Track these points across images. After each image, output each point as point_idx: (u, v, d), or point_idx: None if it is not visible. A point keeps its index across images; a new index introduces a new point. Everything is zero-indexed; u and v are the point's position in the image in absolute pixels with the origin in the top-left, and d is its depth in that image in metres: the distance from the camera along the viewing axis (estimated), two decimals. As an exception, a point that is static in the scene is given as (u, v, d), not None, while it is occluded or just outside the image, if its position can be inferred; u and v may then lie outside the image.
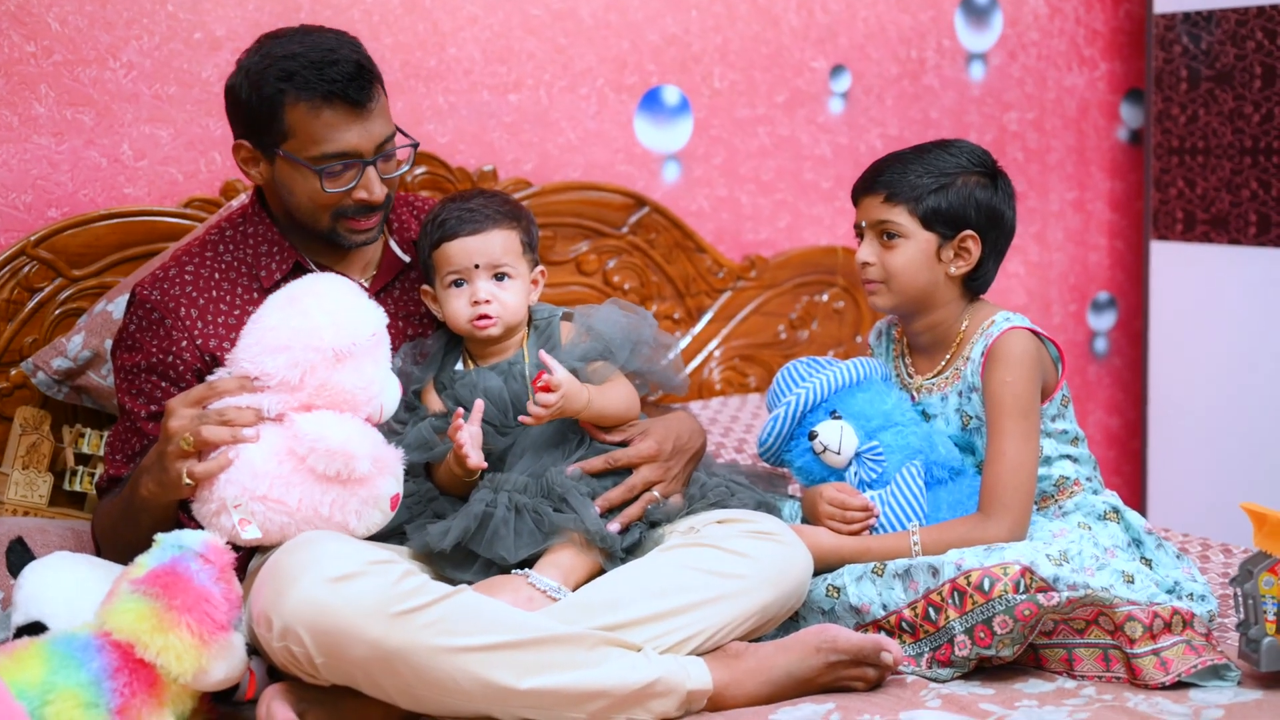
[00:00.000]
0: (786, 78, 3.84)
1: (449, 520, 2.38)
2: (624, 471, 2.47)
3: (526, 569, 2.35)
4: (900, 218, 2.56)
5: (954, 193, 2.55)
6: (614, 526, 2.39)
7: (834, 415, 2.60)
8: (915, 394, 2.64)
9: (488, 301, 2.47)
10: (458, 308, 2.50)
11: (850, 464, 2.59)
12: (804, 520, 2.63)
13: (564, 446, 2.48)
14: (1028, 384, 2.51)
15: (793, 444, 2.64)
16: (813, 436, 2.60)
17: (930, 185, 2.55)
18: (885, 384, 2.66)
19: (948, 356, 2.61)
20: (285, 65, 2.42)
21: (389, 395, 2.34)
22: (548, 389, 2.35)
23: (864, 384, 2.64)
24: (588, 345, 2.50)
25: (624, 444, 2.50)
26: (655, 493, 2.46)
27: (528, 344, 2.52)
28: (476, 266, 2.48)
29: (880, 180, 2.59)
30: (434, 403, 2.51)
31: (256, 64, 2.45)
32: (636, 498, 2.45)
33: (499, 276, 2.49)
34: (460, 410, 2.38)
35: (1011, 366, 2.51)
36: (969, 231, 2.56)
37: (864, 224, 2.61)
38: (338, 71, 2.42)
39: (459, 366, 2.54)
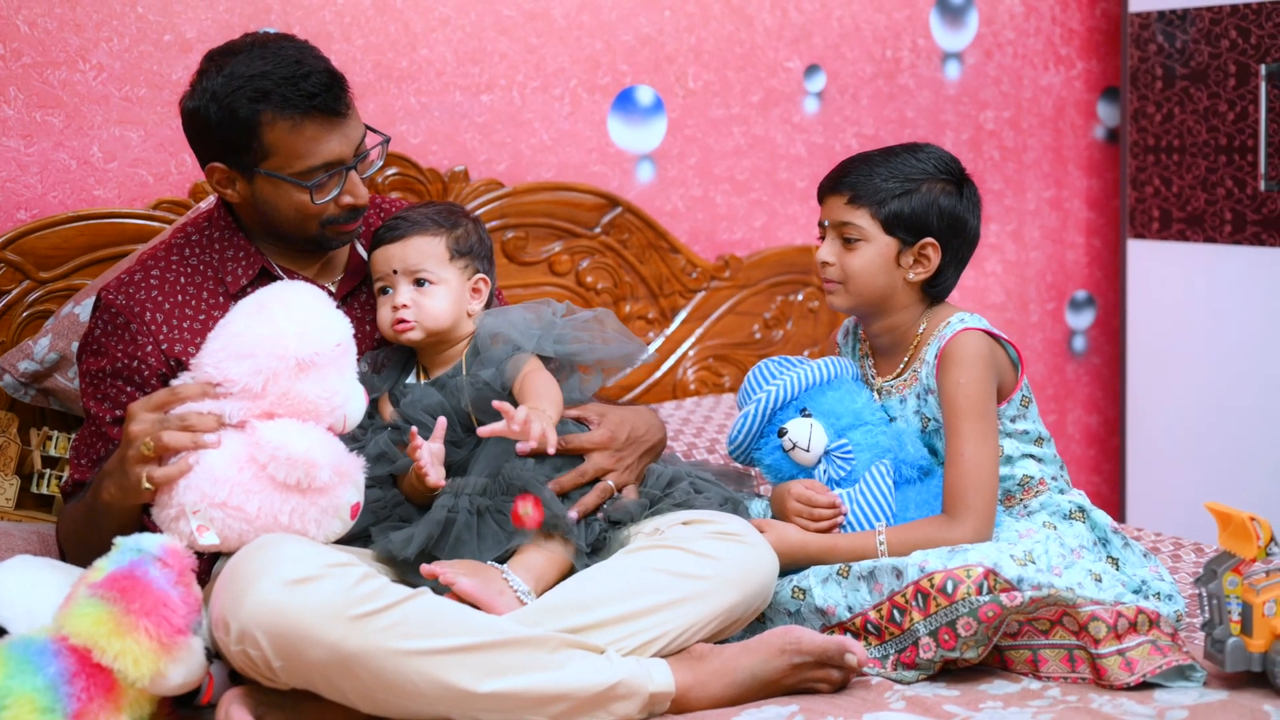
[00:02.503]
0: (761, 77, 3.84)
1: (412, 528, 2.38)
2: (580, 460, 2.47)
3: (502, 565, 2.35)
4: (861, 220, 2.56)
5: (917, 198, 2.55)
6: (572, 514, 2.38)
7: (804, 413, 2.60)
8: (878, 395, 2.64)
9: (405, 307, 2.49)
10: (383, 314, 2.53)
11: (819, 461, 2.59)
12: (773, 517, 2.62)
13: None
14: (980, 384, 2.51)
15: (762, 442, 2.64)
16: (782, 433, 2.59)
17: (894, 190, 2.55)
18: (855, 383, 2.66)
19: (906, 359, 2.61)
20: (258, 85, 2.40)
21: (353, 405, 2.34)
22: (513, 421, 2.31)
23: (834, 383, 2.64)
24: (499, 350, 2.50)
25: (582, 428, 2.51)
26: (609, 482, 2.46)
27: (466, 355, 2.53)
28: (395, 272, 2.51)
29: (845, 181, 2.59)
30: (388, 413, 2.52)
31: (222, 86, 2.42)
32: (590, 485, 2.45)
33: (419, 283, 2.51)
34: (415, 430, 2.38)
35: (964, 368, 2.51)
36: (929, 239, 2.55)
37: (826, 223, 2.61)
38: (313, 84, 2.41)
39: (410, 379, 2.54)
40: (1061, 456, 2.70)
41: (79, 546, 2.42)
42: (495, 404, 2.32)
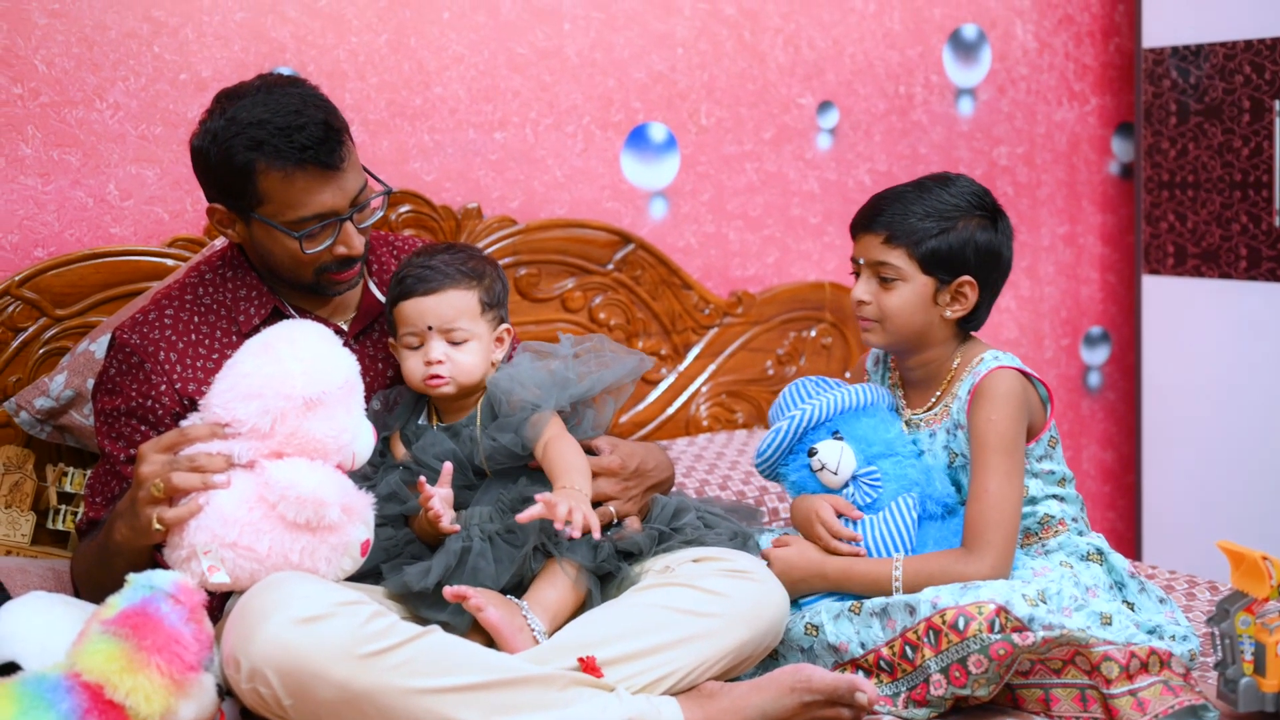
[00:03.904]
0: (774, 114, 3.85)
1: (428, 560, 2.38)
2: None
3: (522, 601, 2.35)
4: (899, 260, 2.54)
5: (954, 236, 2.53)
6: (569, 531, 2.38)
7: (836, 436, 2.59)
8: (906, 427, 2.63)
9: (440, 362, 2.47)
10: (412, 366, 2.50)
11: (846, 485, 2.59)
12: (792, 524, 2.62)
13: (527, 475, 2.49)
14: (1012, 423, 2.50)
15: (791, 458, 2.63)
16: (812, 453, 2.59)
17: (931, 229, 2.52)
18: (890, 413, 2.65)
19: (938, 393, 2.60)
20: (253, 134, 2.41)
21: (361, 443, 2.35)
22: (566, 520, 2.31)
23: (870, 409, 2.62)
24: (517, 415, 2.48)
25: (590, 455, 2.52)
26: (611, 508, 2.47)
27: (481, 408, 2.52)
28: (430, 328, 2.48)
29: (880, 220, 2.56)
30: (400, 452, 2.52)
31: (223, 129, 2.43)
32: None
33: (452, 338, 2.49)
34: (423, 480, 2.38)
35: (997, 405, 2.50)
36: (967, 277, 2.54)
37: (862, 261, 2.59)
38: (307, 136, 2.41)
39: (422, 420, 2.54)
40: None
41: (93, 583, 2.43)
42: (539, 497, 2.30)
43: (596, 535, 2.32)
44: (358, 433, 2.34)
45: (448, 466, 2.41)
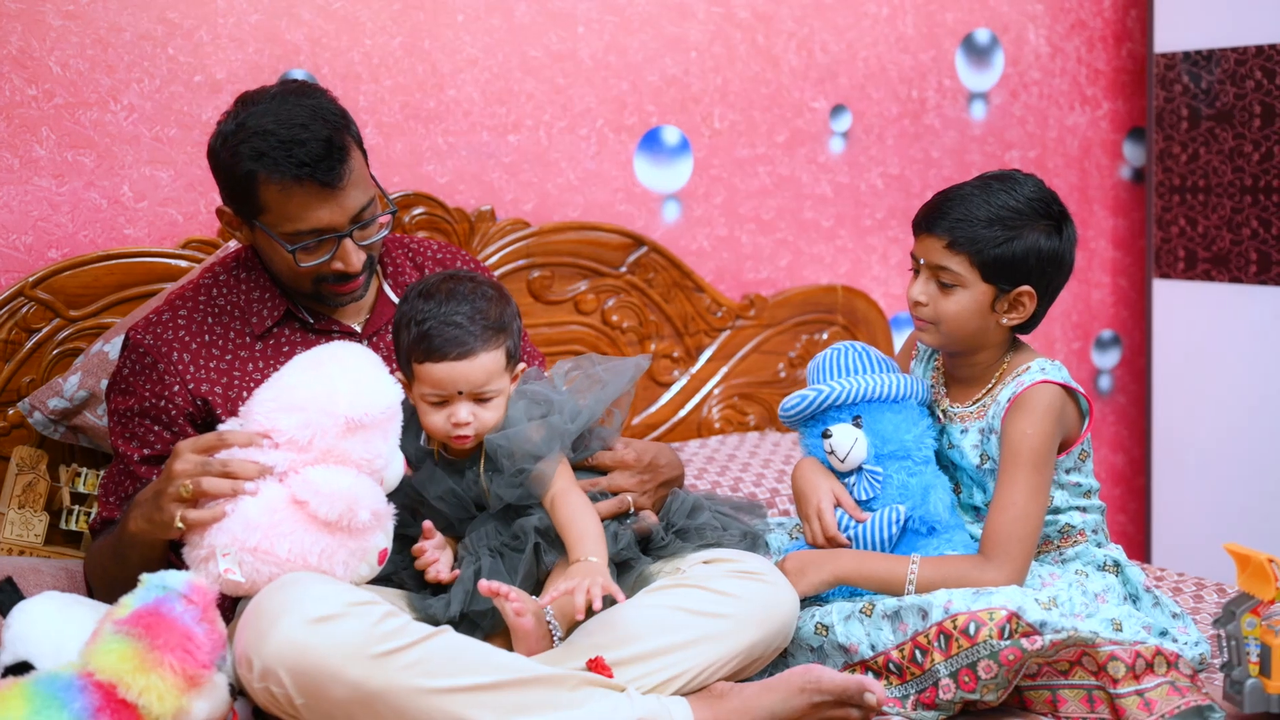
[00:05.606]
0: (786, 118, 3.86)
1: (447, 594, 2.37)
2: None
3: (547, 606, 2.33)
4: (960, 267, 2.50)
5: (1018, 245, 2.48)
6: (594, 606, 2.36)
7: (856, 420, 2.60)
8: (943, 416, 2.63)
9: (467, 424, 2.39)
10: (435, 423, 2.41)
11: (849, 475, 2.59)
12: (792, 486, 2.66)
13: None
14: (1046, 438, 2.49)
15: (812, 423, 2.64)
16: (827, 435, 2.59)
17: (996, 238, 2.48)
18: (919, 410, 2.62)
19: (979, 394, 2.59)
20: (256, 144, 2.42)
21: (391, 471, 2.36)
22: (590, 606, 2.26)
23: (899, 404, 2.60)
24: (522, 474, 2.41)
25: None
26: (629, 497, 2.48)
27: (485, 456, 2.45)
28: (460, 393, 2.39)
29: (943, 223, 2.52)
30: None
31: (232, 135, 2.45)
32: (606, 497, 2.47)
33: (482, 398, 2.42)
34: (422, 545, 2.38)
35: (1034, 419, 2.48)
36: (1026, 288, 2.51)
37: (922, 261, 2.56)
38: (306, 153, 2.41)
39: (423, 442, 2.49)
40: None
41: (106, 582, 2.45)
42: (558, 593, 2.25)
43: (620, 600, 2.26)
44: (390, 460, 2.35)
45: (427, 525, 2.39)
